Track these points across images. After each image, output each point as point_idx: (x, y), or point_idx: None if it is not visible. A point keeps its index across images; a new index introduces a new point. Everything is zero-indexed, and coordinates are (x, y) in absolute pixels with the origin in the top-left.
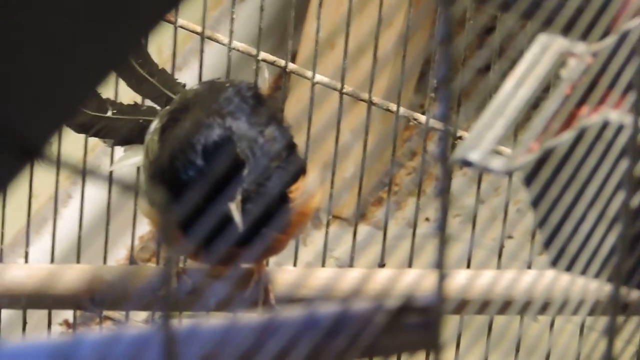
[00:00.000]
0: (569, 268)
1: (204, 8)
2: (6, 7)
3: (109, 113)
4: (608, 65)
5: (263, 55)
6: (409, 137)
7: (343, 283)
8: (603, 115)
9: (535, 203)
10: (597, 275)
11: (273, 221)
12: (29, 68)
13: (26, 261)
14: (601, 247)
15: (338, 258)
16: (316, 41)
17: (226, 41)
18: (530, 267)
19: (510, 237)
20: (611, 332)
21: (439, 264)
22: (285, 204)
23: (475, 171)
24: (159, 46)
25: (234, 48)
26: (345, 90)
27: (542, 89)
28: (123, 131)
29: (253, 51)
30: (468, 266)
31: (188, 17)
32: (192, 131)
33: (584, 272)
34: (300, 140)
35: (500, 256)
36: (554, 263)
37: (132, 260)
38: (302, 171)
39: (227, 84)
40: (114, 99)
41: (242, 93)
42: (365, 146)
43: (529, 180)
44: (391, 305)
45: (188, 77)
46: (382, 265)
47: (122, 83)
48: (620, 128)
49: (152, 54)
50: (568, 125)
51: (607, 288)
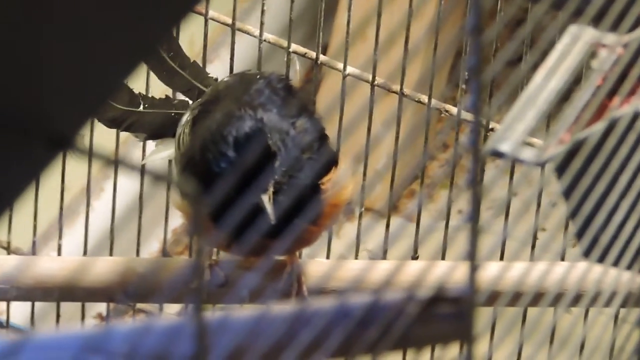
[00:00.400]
0: (602, 259)
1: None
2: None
3: (141, 107)
4: (639, 56)
5: (294, 47)
6: (441, 129)
7: (375, 275)
8: (634, 106)
9: (567, 194)
10: (630, 266)
11: (305, 213)
12: (60, 59)
13: (59, 253)
14: (633, 238)
15: (370, 250)
16: (347, 32)
17: (257, 33)
18: (562, 259)
19: (543, 230)
20: None
21: (471, 256)
22: (317, 196)
23: (506, 162)
24: (191, 39)
25: (265, 40)
26: (376, 82)
27: (573, 80)
28: (155, 125)
29: (284, 43)
30: (501, 258)
31: (218, 9)
32: (224, 123)
33: (617, 264)
34: (331, 131)
35: (533, 248)
36: (586, 254)
37: (165, 253)
38: (334, 163)
39: (258, 76)
40: (146, 93)
41: (273, 85)
42: (397, 138)
43: (561, 171)
44: (423, 295)
45: (219, 69)
46: (416, 257)
47: (154, 77)
48: None
49: (184, 47)
50: (599, 116)
51: None
